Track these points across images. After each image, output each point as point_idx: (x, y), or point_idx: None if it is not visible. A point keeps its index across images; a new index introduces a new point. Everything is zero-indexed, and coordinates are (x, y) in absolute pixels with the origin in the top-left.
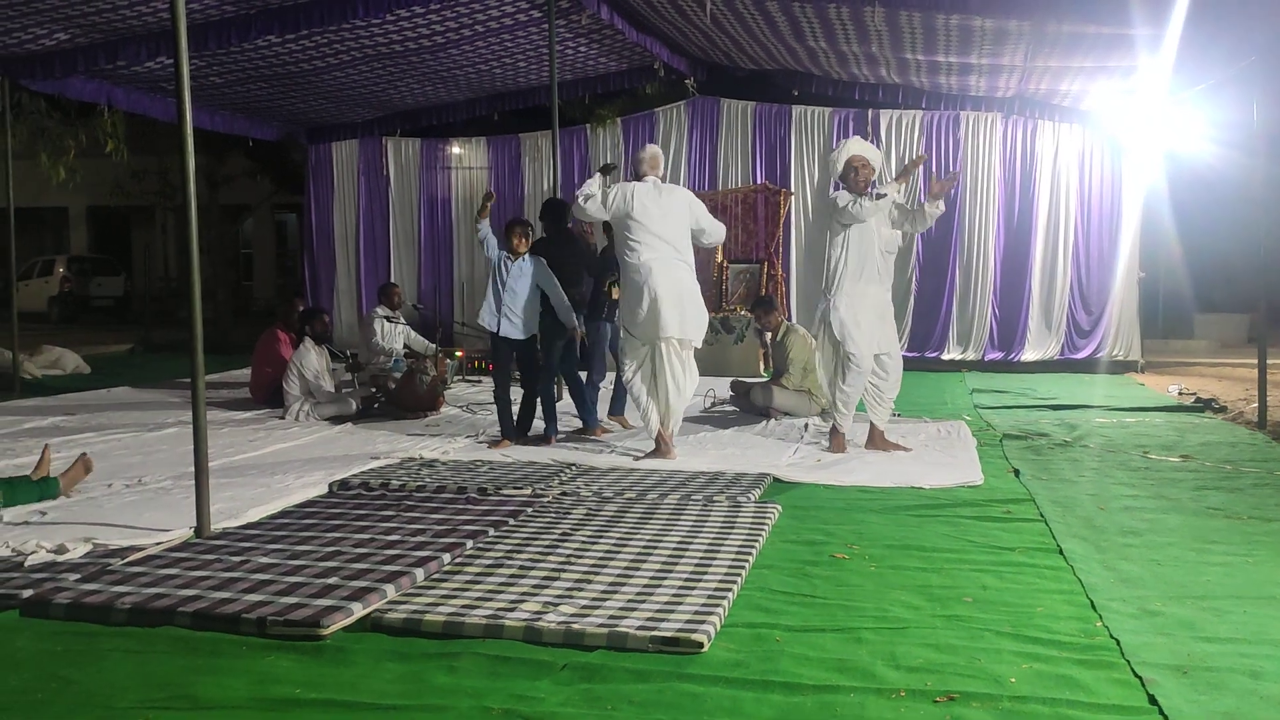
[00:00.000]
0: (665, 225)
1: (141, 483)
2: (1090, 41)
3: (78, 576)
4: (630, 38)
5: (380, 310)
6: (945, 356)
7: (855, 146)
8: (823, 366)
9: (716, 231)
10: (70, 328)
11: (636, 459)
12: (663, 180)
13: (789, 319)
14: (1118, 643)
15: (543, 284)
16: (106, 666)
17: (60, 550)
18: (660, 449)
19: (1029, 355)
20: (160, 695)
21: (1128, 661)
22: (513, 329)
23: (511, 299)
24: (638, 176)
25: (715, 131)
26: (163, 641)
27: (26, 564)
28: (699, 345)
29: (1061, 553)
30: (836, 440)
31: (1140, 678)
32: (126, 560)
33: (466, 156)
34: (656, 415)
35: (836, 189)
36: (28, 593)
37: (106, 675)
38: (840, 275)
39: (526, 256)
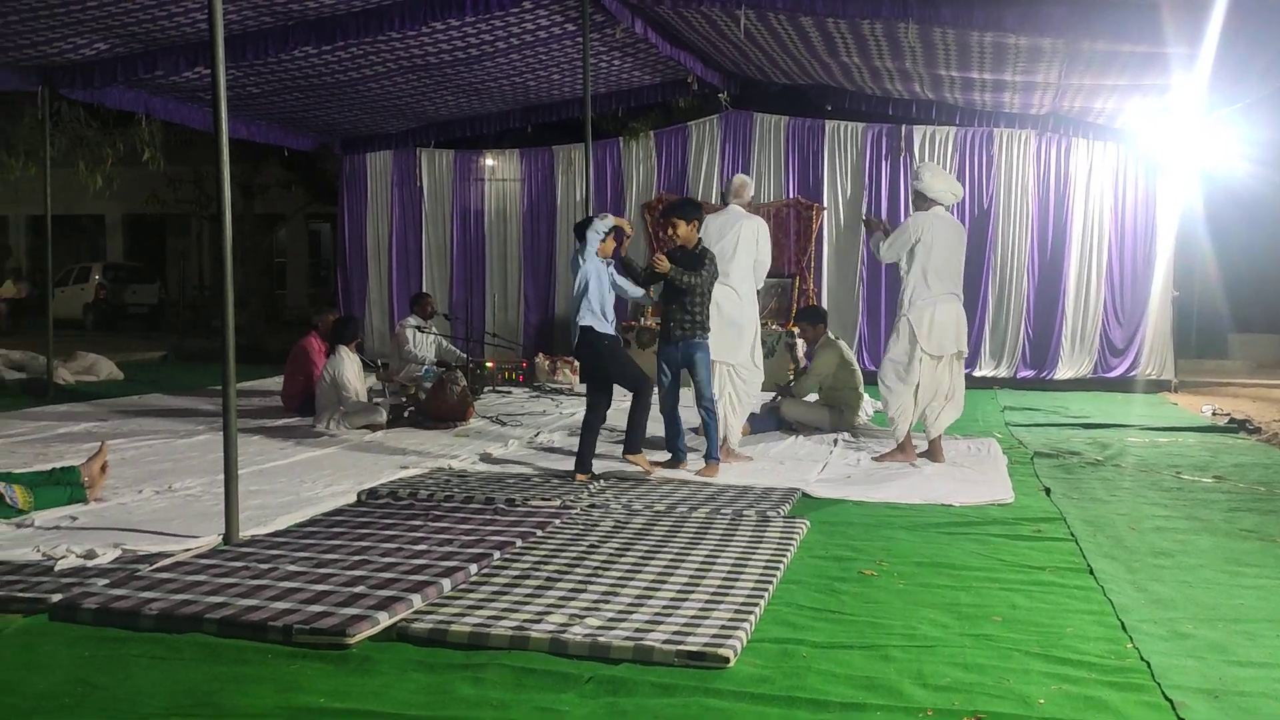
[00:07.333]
0: (722, 251)
1: (171, 489)
2: (1124, 60)
3: (106, 582)
4: (664, 51)
5: (412, 320)
6: (977, 373)
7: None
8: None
9: (763, 268)
10: (105, 334)
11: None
12: (728, 198)
13: None
14: (1148, 665)
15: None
16: (133, 672)
17: (89, 555)
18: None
19: (1062, 373)
20: (186, 702)
21: (1158, 684)
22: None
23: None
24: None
25: (748, 145)
26: (189, 648)
27: (56, 568)
28: (732, 364)
29: (1092, 573)
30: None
31: (1171, 701)
32: (155, 566)
33: (500, 168)
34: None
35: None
36: (56, 597)
37: (132, 681)
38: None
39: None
